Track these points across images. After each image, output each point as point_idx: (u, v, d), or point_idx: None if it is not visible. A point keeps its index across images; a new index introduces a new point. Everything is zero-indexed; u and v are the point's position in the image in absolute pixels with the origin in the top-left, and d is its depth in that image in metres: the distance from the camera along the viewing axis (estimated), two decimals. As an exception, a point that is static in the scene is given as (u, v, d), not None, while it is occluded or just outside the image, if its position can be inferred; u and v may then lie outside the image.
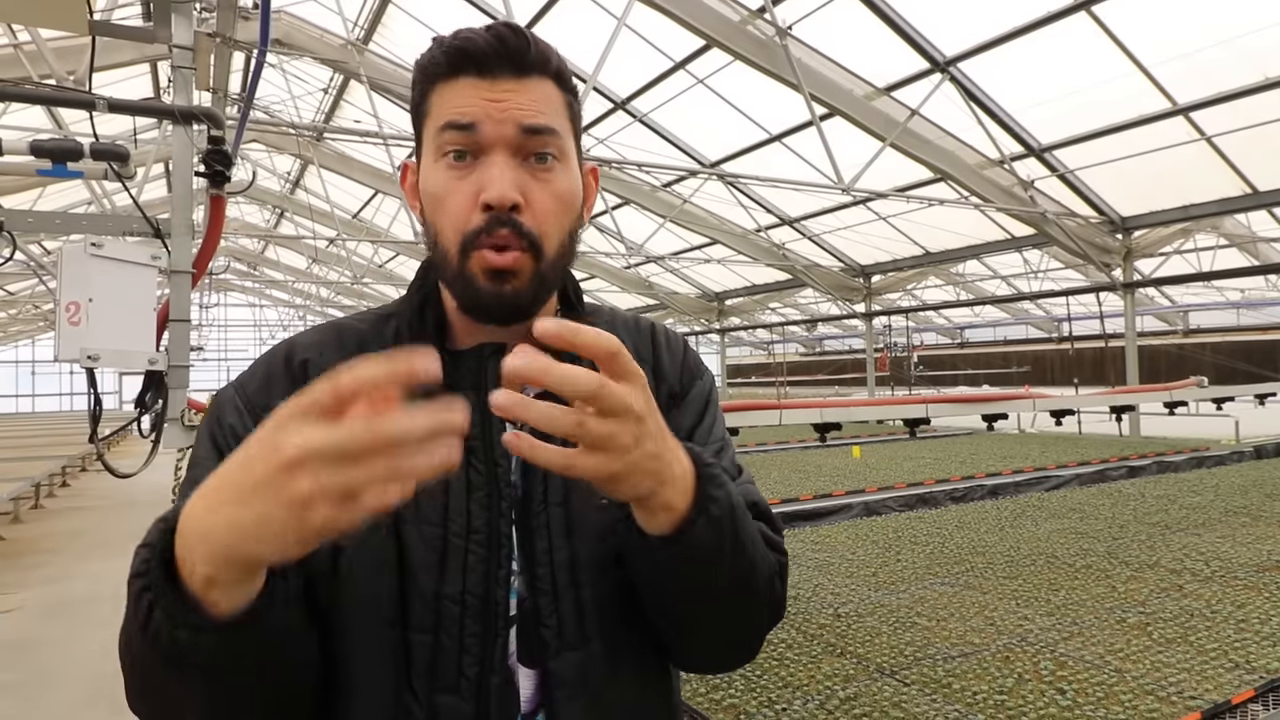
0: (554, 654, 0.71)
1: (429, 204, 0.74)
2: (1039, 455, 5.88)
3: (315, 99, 11.06)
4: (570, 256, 0.78)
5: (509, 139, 0.71)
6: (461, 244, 0.71)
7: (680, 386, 0.86)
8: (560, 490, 0.75)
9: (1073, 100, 7.32)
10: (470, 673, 0.69)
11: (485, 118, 0.70)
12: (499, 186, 0.69)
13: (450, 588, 0.70)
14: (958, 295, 14.48)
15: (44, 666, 4.15)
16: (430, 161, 0.74)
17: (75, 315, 1.50)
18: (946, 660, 2.10)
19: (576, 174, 0.77)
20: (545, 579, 0.72)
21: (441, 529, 0.71)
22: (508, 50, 0.71)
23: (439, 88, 0.73)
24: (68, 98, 1.81)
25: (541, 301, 0.76)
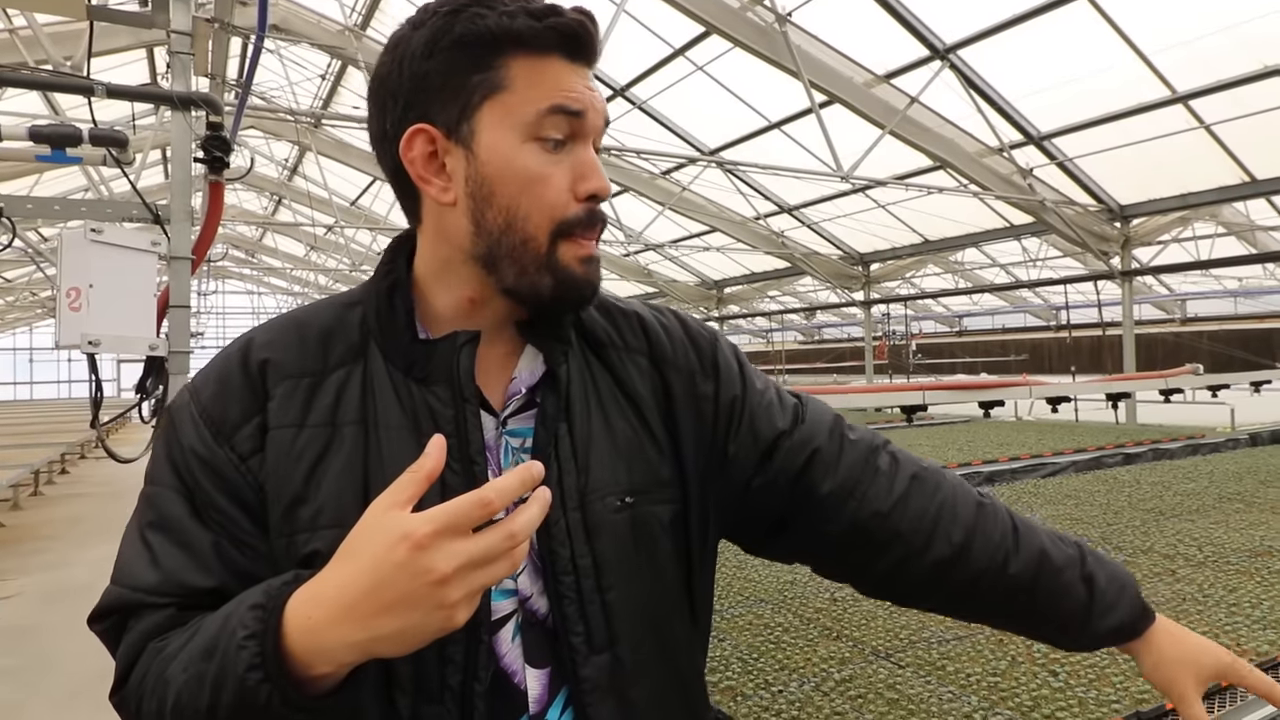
0: (584, 660, 0.70)
1: (516, 186, 0.68)
2: (1035, 442, 5.91)
3: (313, 85, 11.01)
4: None
5: (599, 132, 0.71)
6: (554, 231, 0.69)
7: (700, 365, 0.83)
8: (576, 494, 0.73)
9: (1072, 88, 7.30)
10: (453, 682, 0.66)
11: (590, 107, 0.69)
12: (601, 178, 0.70)
13: None
14: (956, 283, 14.49)
15: (44, 652, 4.18)
16: (512, 141, 0.68)
17: (76, 301, 1.50)
18: (941, 643, 2.13)
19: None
20: (570, 586, 0.70)
21: None
22: (592, 38, 0.70)
23: (522, 59, 0.67)
24: (66, 83, 1.81)
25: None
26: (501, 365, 0.76)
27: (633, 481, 0.76)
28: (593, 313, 0.82)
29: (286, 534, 0.67)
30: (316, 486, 0.67)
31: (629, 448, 0.77)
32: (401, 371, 0.71)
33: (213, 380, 0.71)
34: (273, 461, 0.68)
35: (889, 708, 1.75)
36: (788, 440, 0.83)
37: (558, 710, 0.71)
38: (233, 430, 0.68)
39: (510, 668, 0.70)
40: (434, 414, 0.70)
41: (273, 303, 27.75)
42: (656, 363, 0.82)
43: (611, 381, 0.79)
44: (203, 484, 0.68)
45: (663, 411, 0.80)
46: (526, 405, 0.75)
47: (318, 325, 0.74)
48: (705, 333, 0.87)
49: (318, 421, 0.69)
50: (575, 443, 0.74)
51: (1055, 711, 1.70)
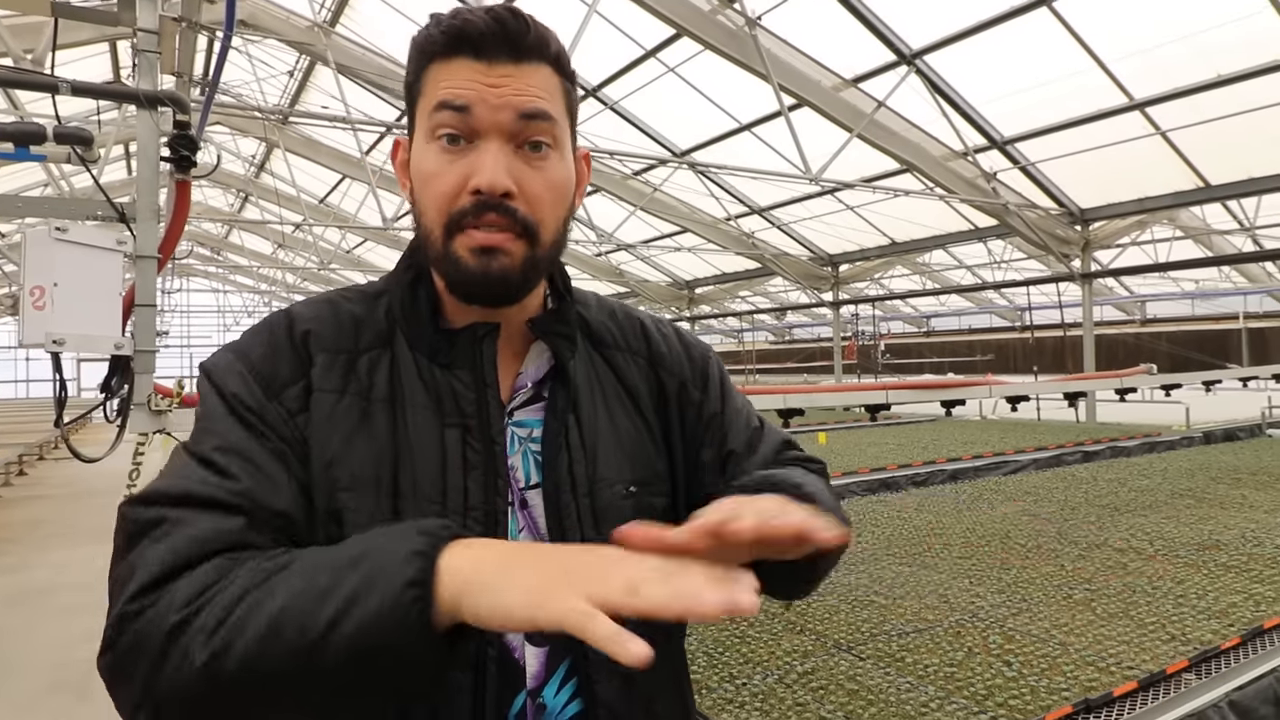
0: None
1: (418, 184, 0.73)
2: (999, 441, 6.03)
3: (281, 82, 10.88)
4: (563, 245, 0.79)
5: (504, 125, 0.70)
6: (446, 224, 0.71)
7: (692, 374, 0.89)
8: (586, 482, 0.77)
9: (1034, 94, 7.46)
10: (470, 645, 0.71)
11: (480, 101, 0.69)
12: (490, 173, 0.69)
13: None
14: (924, 284, 14.70)
15: (4, 655, 4.10)
16: (422, 142, 0.73)
17: (40, 300, 1.50)
18: (901, 636, 2.18)
19: (571, 162, 0.78)
20: None
21: (440, 506, 0.71)
22: (506, 33, 0.70)
23: (434, 67, 0.72)
24: (30, 80, 1.80)
25: (532, 286, 0.77)
26: (509, 360, 0.81)
27: (635, 473, 0.81)
28: (598, 314, 0.88)
29: (326, 490, 0.69)
30: (350, 451, 0.70)
31: (631, 442, 0.83)
32: (426, 357, 0.76)
33: (260, 343, 0.74)
34: (316, 421, 0.71)
35: (849, 698, 1.80)
36: (738, 460, 0.89)
37: (553, 688, 0.74)
38: (282, 387, 0.71)
39: (512, 643, 0.73)
40: (457, 397, 0.74)
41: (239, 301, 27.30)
42: (654, 365, 0.88)
43: (615, 379, 0.85)
44: (255, 426, 0.69)
45: (657, 410, 0.86)
46: (533, 399, 0.80)
47: (349, 311, 0.78)
48: (699, 347, 0.94)
49: (355, 392, 0.73)
50: (583, 434, 0.79)
51: (1008, 700, 1.76)
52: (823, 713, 1.73)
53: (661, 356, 0.88)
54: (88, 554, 6.13)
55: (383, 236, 15.33)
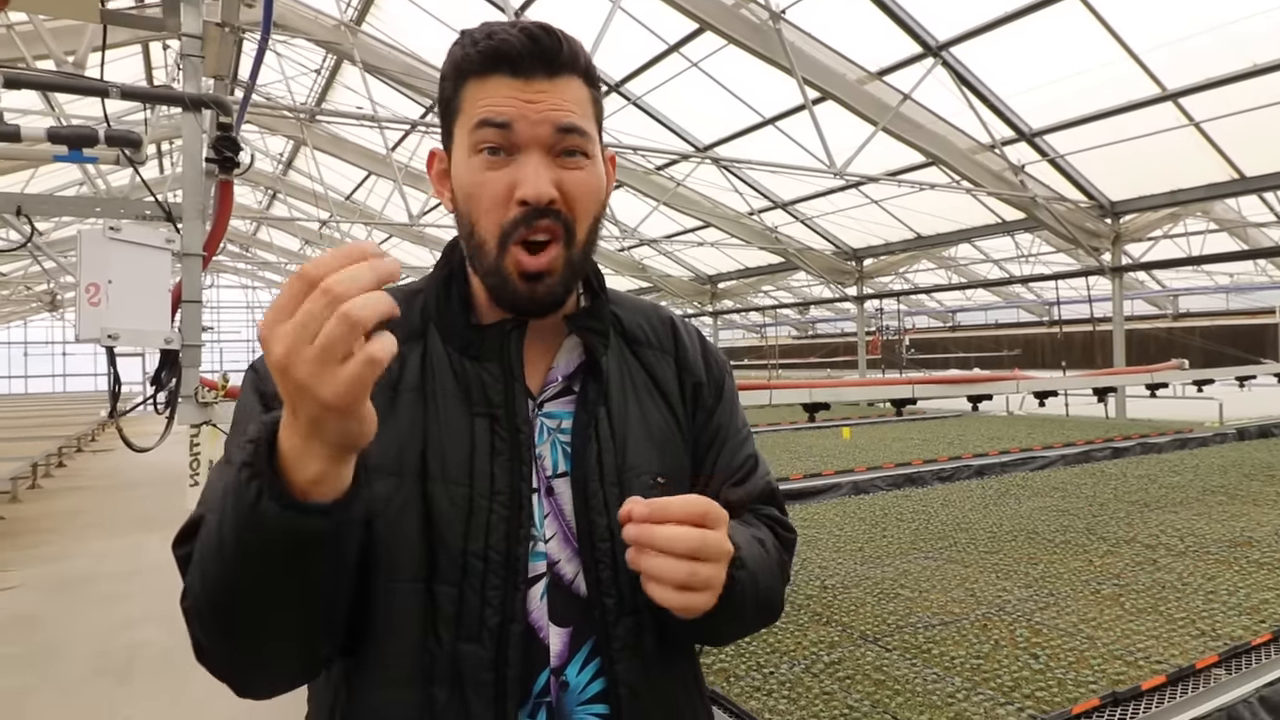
0: (615, 620, 0.78)
1: (462, 195, 0.78)
2: (1025, 436, 5.99)
3: (308, 80, 11.01)
4: (595, 244, 0.84)
5: (543, 139, 0.75)
6: (500, 237, 0.76)
7: (708, 379, 0.93)
8: (614, 471, 0.82)
9: (1064, 85, 7.37)
10: (492, 624, 0.74)
11: (520, 117, 0.74)
12: (535, 183, 0.73)
13: (475, 544, 0.74)
14: (949, 279, 14.57)
15: (48, 641, 4.23)
16: (463, 156, 0.77)
17: (95, 296, 1.56)
18: (927, 628, 2.20)
19: (603, 168, 0.83)
20: (606, 553, 0.79)
21: (468, 489, 0.75)
22: (541, 50, 0.75)
23: (471, 84, 0.76)
24: (80, 85, 1.86)
25: (572, 291, 0.83)
26: (541, 354, 0.85)
27: (665, 465, 0.86)
28: (631, 313, 0.93)
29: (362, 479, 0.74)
30: (381, 439, 0.72)
31: (662, 436, 0.87)
32: (457, 350, 0.81)
33: None
34: None
35: (875, 688, 1.83)
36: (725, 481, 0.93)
37: (576, 667, 0.78)
38: None
39: (537, 623, 0.78)
40: (485, 387, 0.79)
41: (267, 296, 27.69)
42: (680, 366, 0.92)
43: (646, 375, 0.90)
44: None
45: (683, 408, 0.91)
46: (563, 392, 0.84)
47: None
48: (720, 358, 0.98)
49: (385, 384, 0.77)
50: (614, 426, 0.84)
51: (1035, 691, 1.78)
52: (850, 701, 1.76)
53: (685, 356, 0.93)
54: (126, 544, 6.29)
55: (408, 233, 15.48)
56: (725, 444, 0.93)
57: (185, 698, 3.52)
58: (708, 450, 0.91)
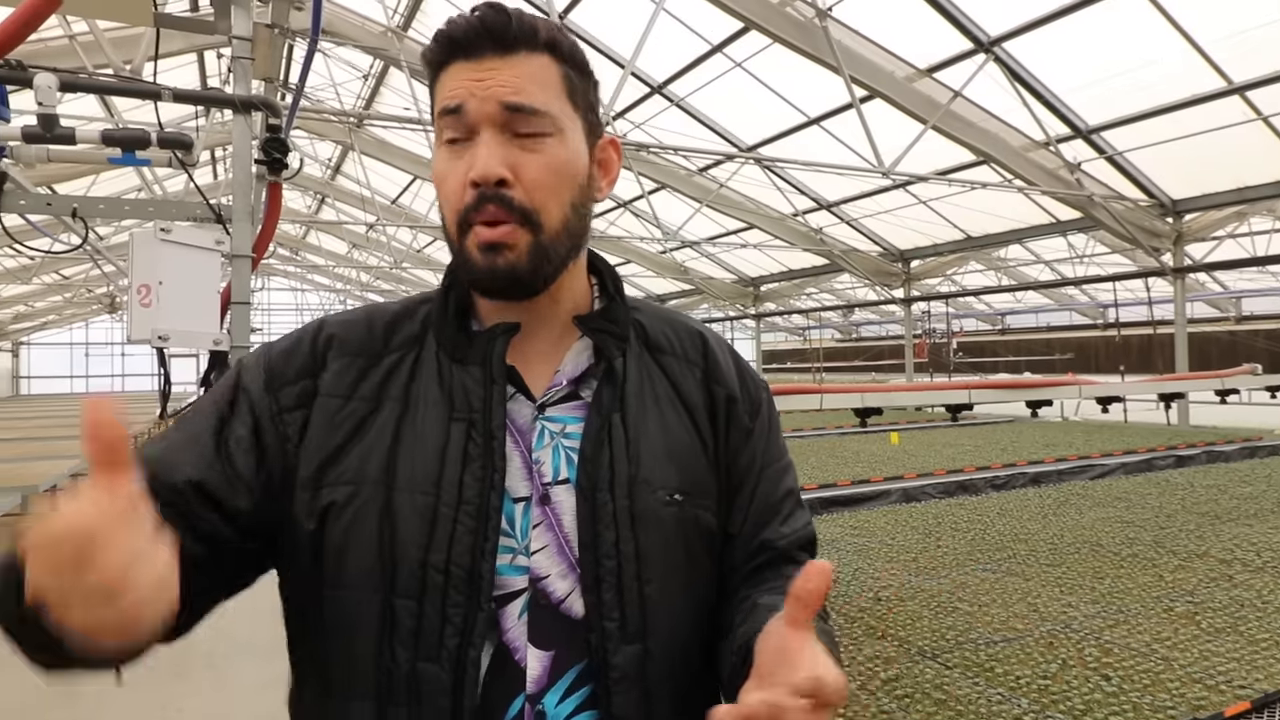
0: (615, 648, 0.71)
1: (436, 189, 0.76)
2: (1083, 443, 5.78)
3: (356, 85, 11.19)
4: (578, 231, 0.78)
5: (493, 116, 0.71)
6: (458, 223, 0.73)
7: (744, 395, 0.86)
8: (626, 481, 0.75)
9: (1121, 80, 7.12)
10: (450, 645, 0.68)
11: (470, 97, 0.71)
12: (482, 163, 0.70)
13: (436, 557, 0.69)
14: (999, 280, 14.22)
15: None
16: (436, 148, 0.76)
17: (146, 297, 1.56)
18: (989, 645, 2.10)
19: (576, 146, 0.76)
20: (611, 571, 0.72)
21: (434, 498, 0.71)
22: (487, 28, 0.72)
23: (439, 77, 0.74)
24: (134, 89, 1.87)
25: (545, 275, 0.75)
26: (547, 357, 0.80)
27: (683, 482, 0.78)
28: (654, 320, 0.86)
29: (312, 488, 0.72)
30: (348, 449, 0.73)
31: (682, 449, 0.79)
32: (448, 356, 0.77)
33: (289, 341, 0.80)
34: (316, 423, 0.75)
35: (937, 708, 1.74)
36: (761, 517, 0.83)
37: (557, 696, 0.71)
38: (282, 384, 0.76)
39: (513, 644, 0.71)
40: (466, 392, 0.75)
41: (316, 299, 28.26)
42: (709, 379, 0.85)
43: (668, 384, 0.82)
44: (238, 414, 0.75)
45: (710, 423, 0.83)
46: (569, 397, 0.78)
47: (390, 314, 0.82)
48: (758, 378, 0.90)
49: (363, 395, 0.76)
50: (628, 434, 0.77)
51: (1108, 716, 1.68)
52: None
53: (717, 370, 0.85)
54: (179, 541, 6.42)
55: (452, 236, 15.62)
56: (764, 472, 0.84)
57: (235, 693, 3.56)
58: (744, 477, 0.83)
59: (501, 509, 0.72)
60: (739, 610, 0.77)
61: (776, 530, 0.82)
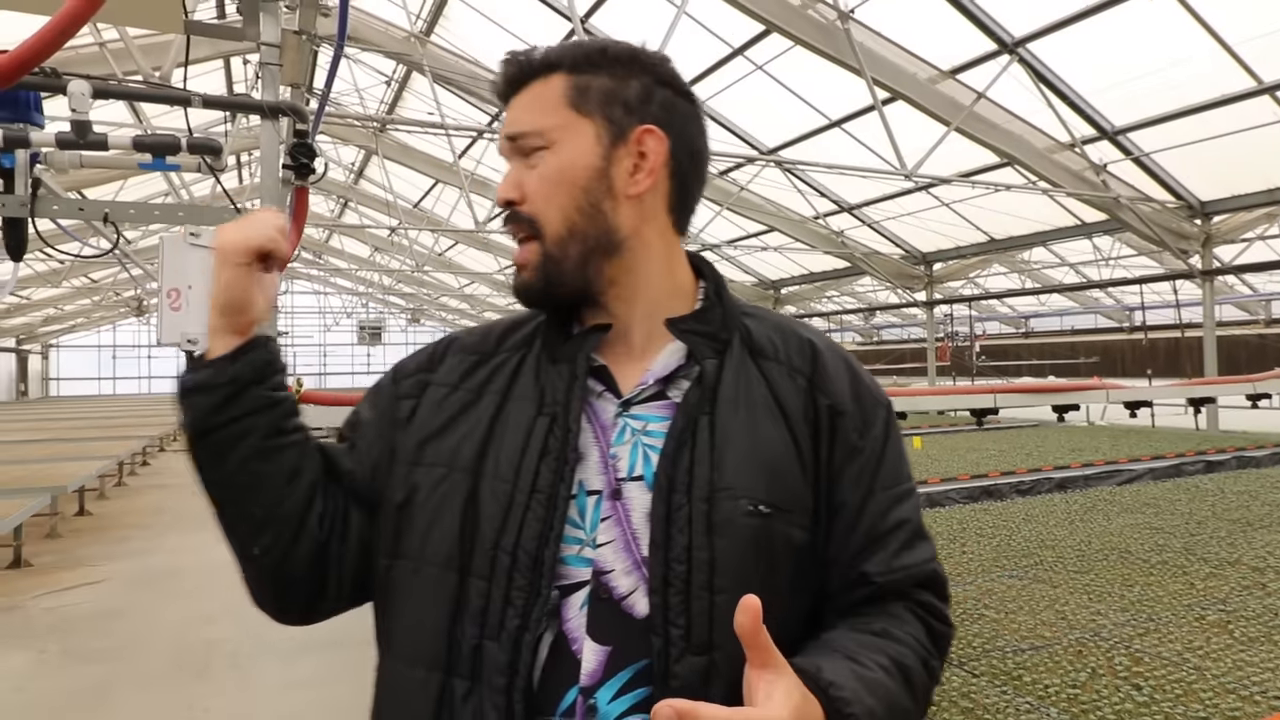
0: (679, 655, 0.69)
1: None
2: (1110, 448, 5.70)
3: (379, 90, 11.29)
4: (592, 231, 0.79)
5: (505, 149, 0.83)
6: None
7: (855, 410, 0.81)
8: (706, 485, 0.73)
9: (1149, 81, 7.02)
10: (510, 625, 0.70)
11: (502, 131, 0.84)
12: (498, 191, 0.82)
13: (506, 540, 0.73)
14: (1023, 283, 14.07)
15: (133, 634, 4.39)
16: None
17: (176, 302, 1.57)
18: (1016, 653, 2.08)
19: (574, 150, 0.79)
20: (680, 575, 0.70)
21: (511, 485, 0.75)
22: (508, 77, 0.83)
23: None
24: (165, 95, 1.91)
25: (560, 283, 0.80)
26: (640, 358, 0.82)
27: (772, 494, 0.75)
28: (764, 326, 0.85)
29: (410, 462, 0.81)
30: (446, 433, 0.81)
31: (775, 459, 0.76)
32: (548, 357, 0.82)
33: (419, 349, 0.93)
34: (424, 407, 0.84)
35: (964, 716, 1.72)
36: (868, 547, 0.78)
37: (611, 691, 0.70)
38: (403, 376, 0.88)
39: (572, 634, 0.71)
40: (554, 388, 0.79)
41: (338, 302, 28.52)
42: (815, 388, 0.81)
43: (767, 390, 0.80)
44: (371, 405, 0.88)
45: (812, 436, 0.79)
46: (656, 396, 0.80)
47: (509, 321, 0.91)
48: (878, 393, 0.85)
49: (469, 387, 0.84)
50: (715, 437, 0.76)
51: (1140, 726, 1.65)
52: (937, 731, 1.66)
53: (824, 380, 0.81)
54: (203, 540, 6.50)
55: (473, 239, 15.73)
56: (872, 496, 0.79)
57: (259, 693, 3.59)
58: (846, 499, 0.78)
59: (571, 500, 0.75)
60: (811, 642, 0.74)
61: (882, 562, 0.77)
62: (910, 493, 0.82)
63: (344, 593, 0.83)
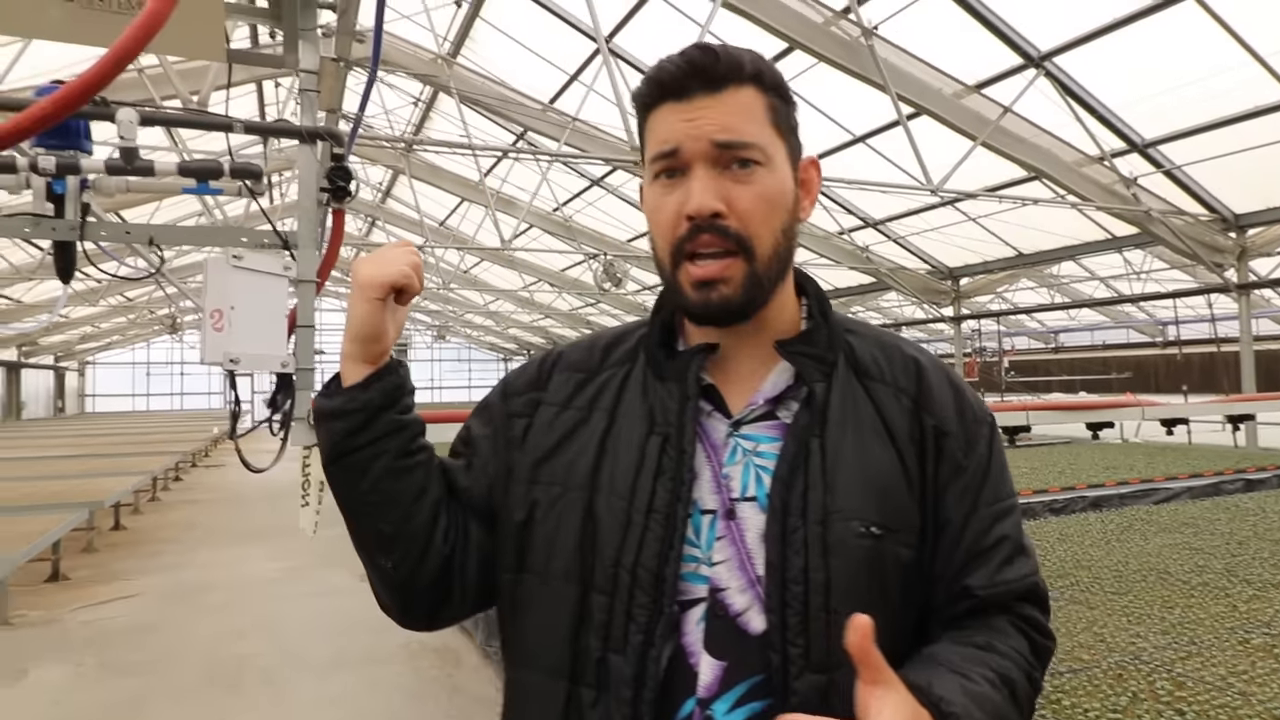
0: (799, 673, 0.71)
1: (648, 220, 0.82)
2: (1145, 466, 5.59)
3: (406, 111, 11.47)
4: (787, 255, 0.80)
5: (705, 153, 0.75)
6: (671, 254, 0.78)
7: (959, 430, 0.82)
8: (820, 508, 0.74)
9: (1180, 93, 6.94)
10: (635, 640, 0.73)
11: (685, 138, 0.76)
12: (697, 198, 0.74)
13: (627, 558, 0.75)
14: (1052, 298, 13.90)
15: (167, 648, 4.45)
16: (648, 183, 0.81)
17: (219, 322, 1.61)
18: (1054, 675, 2.04)
19: (785, 174, 0.80)
20: (798, 596, 0.72)
21: (627, 504, 0.77)
22: (695, 69, 0.76)
23: (650, 118, 0.80)
24: (207, 121, 1.96)
25: (759, 302, 0.79)
26: (748, 376, 0.83)
27: (882, 515, 0.76)
28: (866, 343, 0.85)
29: (527, 481, 0.84)
30: (559, 452, 0.83)
31: (885, 480, 0.78)
32: (653, 374, 0.83)
33: (525, 364, 0.95)
34: (536, 427, 0.87)
35: (1002, 740, 1.69)
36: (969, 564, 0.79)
37: (727, 704, 0.72)
38: (513, 394, 0.91)
39: (690, 649, 0.74)
40: (664, 407, 0.80)
41: (365, 320, 28.83)
42: (919, 408, 0.82)
43: (874, 411, 0.81)
44: (482, 421, 0.92)
45: (918, 455, 0.80)
46: (765, 416, 0.80)
47: (611, 335, 0.92)
48: (982, 411, 0.85)
49: (578, 405, 0.86)
50: (826, 460, 0.77)
51: (1185, 753, 1.61)
52: (974, 755, 1.63)
53: (929, 399, 0.82)
54: (235, 555, 6.59)
55: (499, 257, 15.87)
56: (975, 512, 0.80)
57: (292, 708, 3.62)
58: (951, 516, 0.79)
59: (688, 519, 0.76)
60: (917, 656, 0.75)
61: (984, 577, 0.78)
62: (1012, 509, 0.83)
63: (467, 601, 0.87)
